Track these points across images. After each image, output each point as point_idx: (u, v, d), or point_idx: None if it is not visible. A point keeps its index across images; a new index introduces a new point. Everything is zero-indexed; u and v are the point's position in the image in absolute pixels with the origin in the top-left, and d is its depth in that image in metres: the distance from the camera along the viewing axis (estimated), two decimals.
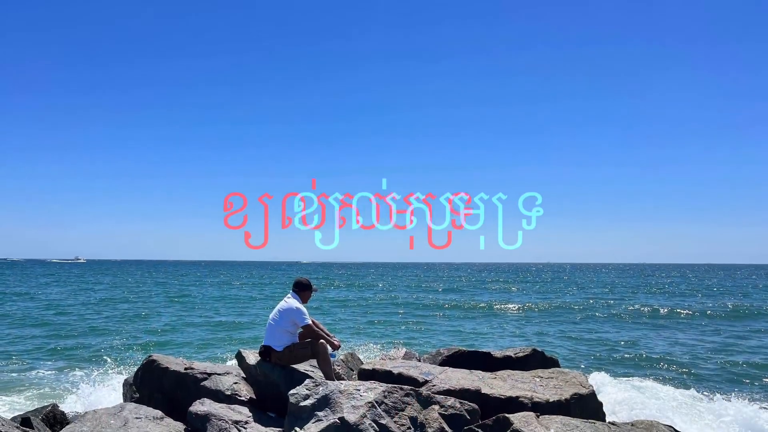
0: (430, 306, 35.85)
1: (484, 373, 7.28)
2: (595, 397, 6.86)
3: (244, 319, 27.60)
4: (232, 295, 44.42)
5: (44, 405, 8.79)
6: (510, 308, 33.79)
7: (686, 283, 69.50)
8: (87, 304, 33.92)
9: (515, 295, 46.99)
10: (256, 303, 37.12)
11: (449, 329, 24.39)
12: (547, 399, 6.36)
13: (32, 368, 14.72)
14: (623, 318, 28.79)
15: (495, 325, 25.92)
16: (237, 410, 6.18)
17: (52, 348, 18.11)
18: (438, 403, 5.88)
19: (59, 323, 24.44)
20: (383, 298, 42.45)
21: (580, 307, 34.44)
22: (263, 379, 6.55)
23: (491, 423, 5.35)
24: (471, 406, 5.98)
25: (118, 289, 50.19)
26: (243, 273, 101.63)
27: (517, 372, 7.49)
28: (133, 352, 16.86)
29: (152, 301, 37.20)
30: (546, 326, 25.02)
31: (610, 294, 48.41)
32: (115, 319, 26.77)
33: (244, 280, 71.00)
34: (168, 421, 6.06)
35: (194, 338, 21.18)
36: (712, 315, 29.78)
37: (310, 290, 7.24)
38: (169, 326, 24.35)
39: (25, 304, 33.22)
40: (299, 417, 5.54)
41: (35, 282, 59.08)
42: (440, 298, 42.69)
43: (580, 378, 7.13)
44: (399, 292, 49.21)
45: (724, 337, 21.53)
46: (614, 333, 22.90)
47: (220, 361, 13.70)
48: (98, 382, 11.76)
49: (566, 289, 55.13)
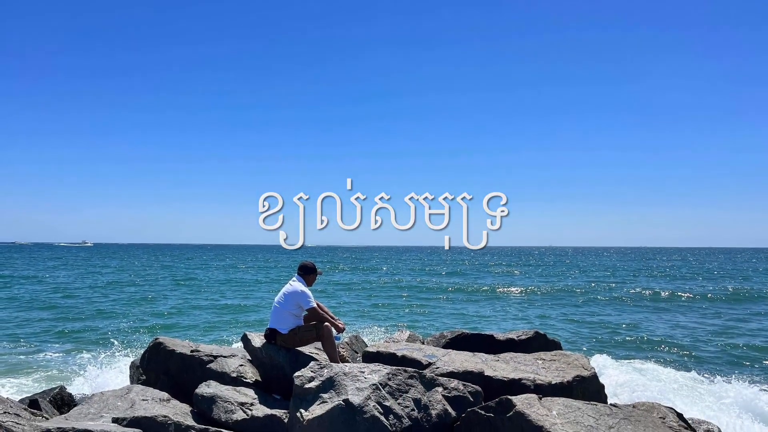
0: (434, 289, 36.02)
1: (487, 356, 7.35)
2: (596, 380, 6.93)
3: (250, 302, 27.82)
4: (237, 278, 44.66)
5: (52, 387, 8.93)
6: (513, 291, 33.94)
7: (687, 267, 69.52)
8: (94, 288, 34.19)
9: (518, 278, 47.12)
10: (261, 286, 37.36)
11: (453, 312, 24.55)
12: (549, 381, 6.43)
13: (40, 351, 14.92)
14: (625, 301, 28.90)
15: (498, 308, 26.08)
16: (242, 392, 6.27)
17: (60, 331, 18.32)
18: (441, 385, 5.95)
19: (67, 306, 24.67)
20: (387, 281, 42.62)
21: (582, 291, 34.55)
22: (268, 362, 6.64)
23: (494, 405, 5.42)
24: (474, 388, 6.06)
25: (125, 272, 50.51)
26: (248, 256, 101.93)
27: (519, 354, 7.56)
28: (140, 335, 17.04)
29: (159, 285, 37.46)
30: (548, 309, 25.17)
31: (611, 277, 48.50)
32: (122, 302, 27.00)
33: (250, 264, 71.30)
34: (174, 402, 6.16)
35: (200, 321, 21.38)
36: (713, 298, 29.88)
37: (314, 274, 7.30)
38: (176, 309, 24.57)
39: (33, 288, 33.50)
40: (304, 399, 5.62)
41: (43, 265, 59.46)
42: (444, 281, 42.86)
43: (582, 360, 7.19)
44: (403, 276, 49.39)
45: (725, 320, 21.63)
46: (616, 316, 23.02)
47: (226, 344, 13.85)
48: (105, 364, 11.92)
49: (568, 273, 55.24)
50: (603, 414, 5.36)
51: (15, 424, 6.34)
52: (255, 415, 5.73)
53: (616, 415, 5.39)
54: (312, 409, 5.48)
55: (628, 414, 5.45)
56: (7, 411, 6.49)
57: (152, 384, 7.55)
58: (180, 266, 63.54)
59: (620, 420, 5.30)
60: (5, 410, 6.49)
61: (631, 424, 5.24)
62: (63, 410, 7.47)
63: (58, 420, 5.51)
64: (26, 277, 41.37)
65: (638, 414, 5.54)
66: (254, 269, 58.77)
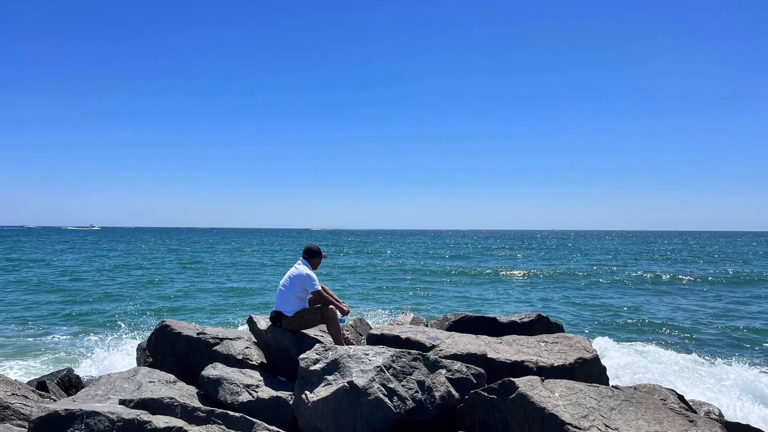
0: (437, 272, 36.16)
1: (490, 338, 7.42)
2: (598, 362, 6.99)
3: (255, 285, 28.02)
4: (243, 261, 44.90)
5: (60, 369, 9.07)
6: (515, 275, 34.07)
7: (688, 250, 69.51)
8: (101, 271, 34.45)
9: (521, 261, 47.22)
10: (266, 269, 37.59)
11: (456, 295, 24.69)
12: (551, 363, 6.49)
13: (48, 333, 15.11)
14: (626, 284, 28.98)
15: (501, 291, 26.21)
16: (248, 374, 6.36)
17: (68, 313, 18.54)
18: (445, 367, 6.02)
19: (74, 289, 24.91)
20: (391, 264, 42.80)
21: (584, 274, 34.64)
22: (274, 344, 6.71)
23: (497, 387, 5.48)
24: (477, 370, 6.12)
25: (132, 255, 50.82)
26: (254, 240, 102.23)
27: (522, 337, 7.62)
28: (147, 318, 17.22)
29: (165, 268, 37.71)
30: (551, 292, 25.29)
31: (613, 260, 48.57)
32: (129, 285, 27.23)
33: (255, 247, 71.58)
34: (181, 384, 6.24)
35: (206, 304, 21.56)
36: (713, 281, 29.93)
37: (319, 257, 7.36)
38: (182, 292, 24.77)
39: (41, 271, 33.77)
40: (309, 381, 5.70)
41: (51, 249, 59.86)
42: (447, 264, 42.99)
43: (584, 343, 7.25)
44: (407, 259, 49.56)
45: (725, 303, 21.70)
46: (617, 299, 23.12)
47: (232, 327, 13.99)
48: (112, 346, 12.07)
49: (570, 256, 55.35)
50: (605, 396, 5.41)
51: (23, 405, 6.45)
52: (260, 396, 5.81)
53: (617, 396, 5.44)
54: (317, 391, 5.56)
55: (629, 396, 5.51)
56: (15, 393, 6.61)
57: (159, 366, 7.66)
58: (186, 250, 63.91)
59: (622, 402, 5.36)
60: (13, 392, 6.61)
61: (633, 406, 5.30)
62: (71, 392, 7.60)
63: (66, 402, 5.60)
64: (34, 261, 41.68)
65: (640, 396, 5.59)
66: (260, 253, 59.07)
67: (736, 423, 6.48)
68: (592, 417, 5.02)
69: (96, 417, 5.10)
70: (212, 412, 5.44)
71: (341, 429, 5.34)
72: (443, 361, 6.08)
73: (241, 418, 5.42)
